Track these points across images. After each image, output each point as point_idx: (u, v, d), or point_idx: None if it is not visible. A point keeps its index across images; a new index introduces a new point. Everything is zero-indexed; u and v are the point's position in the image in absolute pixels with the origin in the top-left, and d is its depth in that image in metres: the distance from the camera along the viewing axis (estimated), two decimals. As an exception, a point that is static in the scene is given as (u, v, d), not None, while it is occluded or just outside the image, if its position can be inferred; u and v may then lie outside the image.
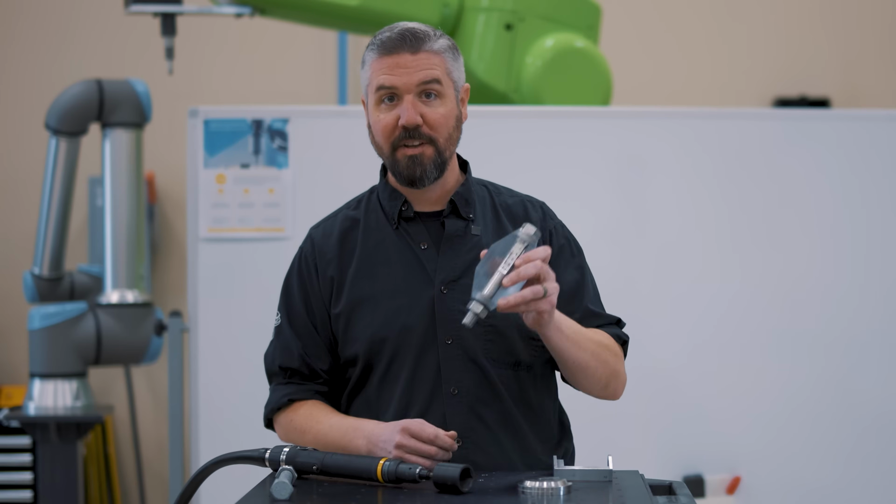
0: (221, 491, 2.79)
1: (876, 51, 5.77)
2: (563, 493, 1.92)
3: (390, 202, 2.27)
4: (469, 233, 2.25)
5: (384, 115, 2.19)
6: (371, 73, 2.19)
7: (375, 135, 2.22)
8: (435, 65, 2.18)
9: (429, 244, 2.24)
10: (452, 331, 2.18)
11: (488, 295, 1.99)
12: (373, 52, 2.20)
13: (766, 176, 3.83)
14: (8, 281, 5.25)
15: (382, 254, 2.25)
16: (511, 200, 2.34)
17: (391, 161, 2.21)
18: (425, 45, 2.18)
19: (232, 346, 3.66)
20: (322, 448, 2.14)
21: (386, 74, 2.17)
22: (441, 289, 2.20)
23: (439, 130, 2.19)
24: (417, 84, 2.17)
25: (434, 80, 2.18)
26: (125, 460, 5.36)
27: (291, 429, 2.26)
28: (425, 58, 2.17)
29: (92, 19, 5.42)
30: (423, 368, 2.18)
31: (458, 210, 2.26)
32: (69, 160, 4.10)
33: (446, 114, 2.20)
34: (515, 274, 1.99)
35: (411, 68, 2.16)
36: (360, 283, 2.23)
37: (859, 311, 3.83)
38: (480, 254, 2.06)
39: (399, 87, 2.17)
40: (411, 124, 2.16)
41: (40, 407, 4.03)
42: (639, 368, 3.71)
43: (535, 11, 3.98)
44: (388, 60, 2.17)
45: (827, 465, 3.80)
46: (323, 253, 2.28)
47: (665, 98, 5.49)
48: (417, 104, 2.17)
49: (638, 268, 3.78)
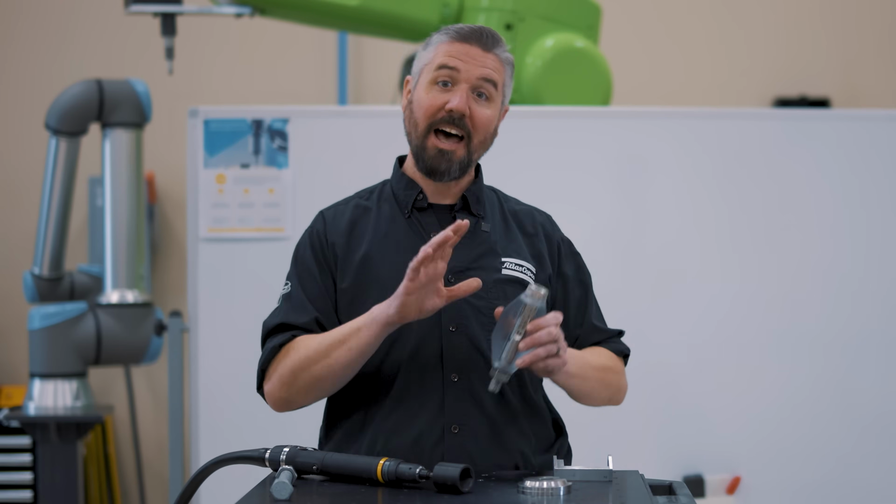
0: (221, 491, 2.79)
1: (876, 51, 5.78)
2: (563, 493, 1.92)
3: (406, 191, 2.29)
4: (479, 228, 2.28)
5: (435, 95, 2.22)
6: (435, 54, 2.23)
7: (416, 112, 2.24)
8: (497, 69, 2.24)
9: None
10: (457, 318, 2.20)
11: (506, 360, 2.06)
12: (444, 36, 2.24)
13: (766, 176, 3.83)
14: (8, 281, 5.26)
15: (392, 241, 2.26)
16: (519, 208, 2.38)
17: (420, 145, 2.24)
18: (496, 49, 2.24)
19: (232, 346, 3.66)
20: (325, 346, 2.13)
21: (453, 57, 2.21)
22: (449, 277, 2.20)
23: (479, 130, 2.23)
24: (478, 78, 2.22)
25: (492, 82, 2.23)
26: (125, 460, 5.36)
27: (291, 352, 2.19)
28: (493, 59, 2.23)
29: (92, 19, 5.42)
30: (425, 354, 2.19)
31: (470, 206, 2.29)
32: (69, 160, 4.10)
33: (490, 117, 2.24)
34: (531, 340, 2.05)
35: (478, 62, 2.21)
36: (368, 266, 2.24)
37: (859, 311, 3.83)
38: (495, 313, 2.10)
39: (461, 73, 2.21)
40: (460, 111, 2.20)
41: (40, 407, 4.03)
42: (638, 368, 3.71)
43: (535, 11, 3.98)
44: (459, 46, 2.22)
45: (826, 464, 3.80)
46: (334, 231, 2.29)
47: (665, 98, 5.50)
48: (470, 97, 2.21)
49: (637, 268, 3.78)
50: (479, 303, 2.21)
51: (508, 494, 1.95)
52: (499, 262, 2.26)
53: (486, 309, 2.21)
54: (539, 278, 2.28)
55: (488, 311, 2.20)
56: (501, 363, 2.06)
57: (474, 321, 2.20)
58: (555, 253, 2.34)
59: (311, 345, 2.17)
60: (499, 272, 2.25)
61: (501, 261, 2.26)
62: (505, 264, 2.26)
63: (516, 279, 2.25)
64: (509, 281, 2.25)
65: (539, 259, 2.31)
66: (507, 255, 2.27)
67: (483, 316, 2.21)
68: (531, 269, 2.28)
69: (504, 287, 2.23)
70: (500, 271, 2.25)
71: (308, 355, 2.16)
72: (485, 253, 2.26)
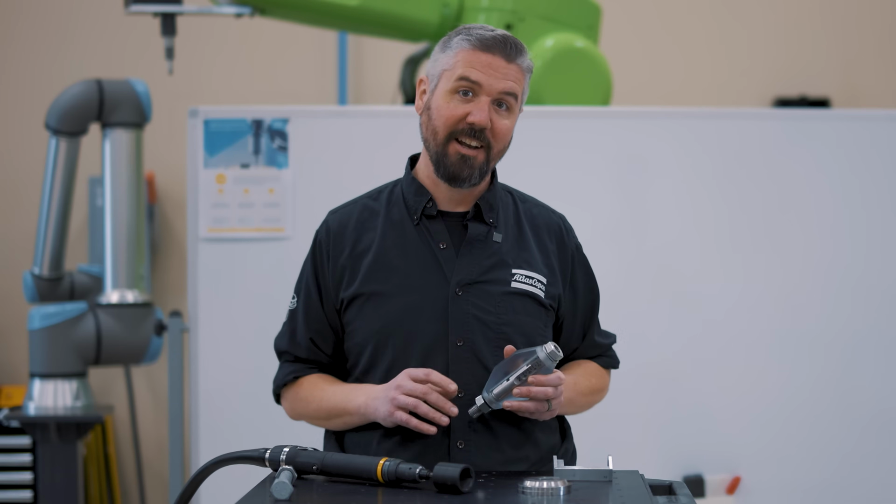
0: (221, 491, 2.79)
1: (876, 51, 5.77)
2: (563, 493, 1.92)
3: (416, 197, 2.28)
4: (490, 238, 2.26)
5: (455, 105, 2.20)
6: (457, 61, 2.21)
7: (436, 119, 2.23)
8: (518, 81, 2.23)
9: (448, 244, 2.25)
10: (464, 333, 2.19)
11: (495, 397, 2.13)
12: (466, 42, 2.21)
13: (766, 176, 3.83)
14: (8, 281, 5.25)
15: (400, 249, 2.25)
16: (536, 211, 2.37)
17: (440, 151, 2.22)
18: (519, 58, 2.22)
19: (232, 346, 3.66)
20: (325, 412, 2.23)
21: (476, 70, 2.19)
22: (456, 290, 2.20)
23: (499, 140, 2.23)
24: (500, 91, 2.20)
25: (513, 94, 2.22)
26: (125, 460, 5.36)
27: (297, 400, 2.32)
28: (515, 70, 2.21)
29: (92, 19, 5.42)
30: (431, 368, 2.18)
31: (482, 214, 2.27)
32: (69, 160, 4.09)
33: (510, 127, 2.24)
34: (526, 391, 2.11)
35: (500, 74, 2.19)
36: (374, 275, 2.24)
37: (859, 311, 3.83)
38: (505, 351, 2.14)
39: (483, 87, 2.19)
40: (481, 125, 2.19)
41: (40, 407, 4.03)
42: (639, 368, 3.73)
43: (535, 11, 3.98)
44: (482, 56, 2.19)
45: (827, 465, 3.80)
46: (338, 240, 2.29)
47: (665, 98, 5.49)
48: (491, 109, 2.20)
49: (637, 267, 3.78)
50: (487, 317, 2.21)
51: (508, 494, 1.95)
52: (509, 275, 2.25)
53: (493, 324, 2.20)
54: (550, 290, 2.27)
55: (495, 325, 2.20)
56: (490, 397, 2.12)
57: (481, 336, 2.20)
58: (568, 262, 2.33)
59: (312, 403, 2.29)
60: (508, 285, 2.24)
61: (512, 273, 2.25)
62: (515, 276, 2.25)
63: (526, 293, 2.24)
64: (518, 294, 2.24)
65: (551, 268, 2.30)
66: (519, 266, 2.26)
67: (490, 331, 2.20)
68: (542, 281, 2.26)
69: (513, 300, 2.23)
70: (509, 284, 2.24)
71: (310, 411, 2.30)
72: (495, 265, 2.24)
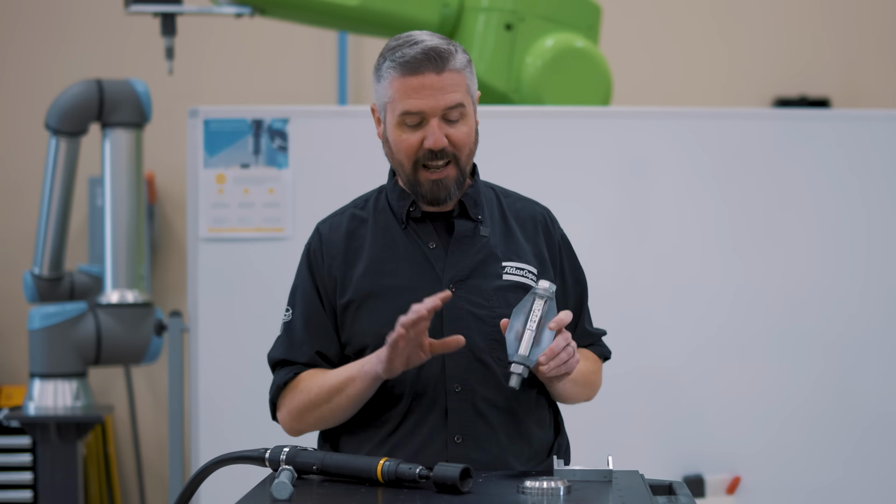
0: (221, 491, 2.80)
1: (876, 51, 5.77)
2: (563, 493, 1.92)
3: (399, 202, 2.28)
4: (478, 234, 2.27)
5: (408, 136, 2.19)
6: (393, 93, 2.18)
7: (397, 153, 2.22)
8: (458, 85, 2.18)
9: (437, 244, 2.26)
10: (459, 328, 2.19)
11: (525, 354, 2.07)
12: (394, 71, 2.17)
13: (766, 176, 3.83)
14: (8, 281, 5.26)
15: (391, 253, 2.26)
16: (520, 205, 2.37)
17: (412, 180, 2.22)
18: (449, 65, 2.16)
19: (232, 346, 3.66)
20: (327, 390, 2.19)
21: (412, 98, 2.16)
22: (450, 287, 2.20)
23: (463, 149, 2.21)
24: (443, 108, 2.17)
25: (459, 105, 2.18)
26: (125, 460, 5.36)
27: (297, 392, 2.25)
28: (449, 78, 2.17)
29: (92, 19, 5.42)
30: (427, 365, 2.18)
31: (468, 211, 2.27)
32: (69, 160, 4.10)
33: (469, 132, 2.22)
34: (555, 322, 2.07)
35: (437, 91, 2.15)
36: (368, 279, 2.24)
37: (859, 311, 3.83)
38: (501, 325, 2.11)
39: (426, 111, 2.16)
40: (438, 147, 2.17)
41: (40, 407, 4.03)
42: (639, 368, 3.73)
43: (535, 11, 3.98)
44: (412, 81, 2.15)
45: (827, 465, 3.80)
46: (330, 248, 2.29)
47: (665, 98, 5.49)
48: (443, 126, 2.18)
49: (638, 267, 3.78)
50: (481, 311, 2.21)
51: (508, 494, 1.95)
52: (499, 268, 2.25)
53: (487, 318, 2.21)
54: (541, 278, 2.28)
55: (490, 320, 2.20)
56: (522, 355, 2.07)
57: (476, 331, 2.20)
58: (556, 251, 2.34)
59: (314, 388, 2.22)
60: (500, 278, 2.24)
61: (502, 265, 2.26)
62: (506, 269, 2.25)
63: (518, 284, 2.25)
64: (511, 287, 2.24)
65: (540, 259, 2.31)
66: (508, 258, 2.27)
67: (485, 325, 2.20)
68: (532, 272, 2.27)
69: (506, 293, 2.23)
70: (500, 277, 2.24)
71: (311, 399, 2.23)
72: (485, 259, 2.25)
